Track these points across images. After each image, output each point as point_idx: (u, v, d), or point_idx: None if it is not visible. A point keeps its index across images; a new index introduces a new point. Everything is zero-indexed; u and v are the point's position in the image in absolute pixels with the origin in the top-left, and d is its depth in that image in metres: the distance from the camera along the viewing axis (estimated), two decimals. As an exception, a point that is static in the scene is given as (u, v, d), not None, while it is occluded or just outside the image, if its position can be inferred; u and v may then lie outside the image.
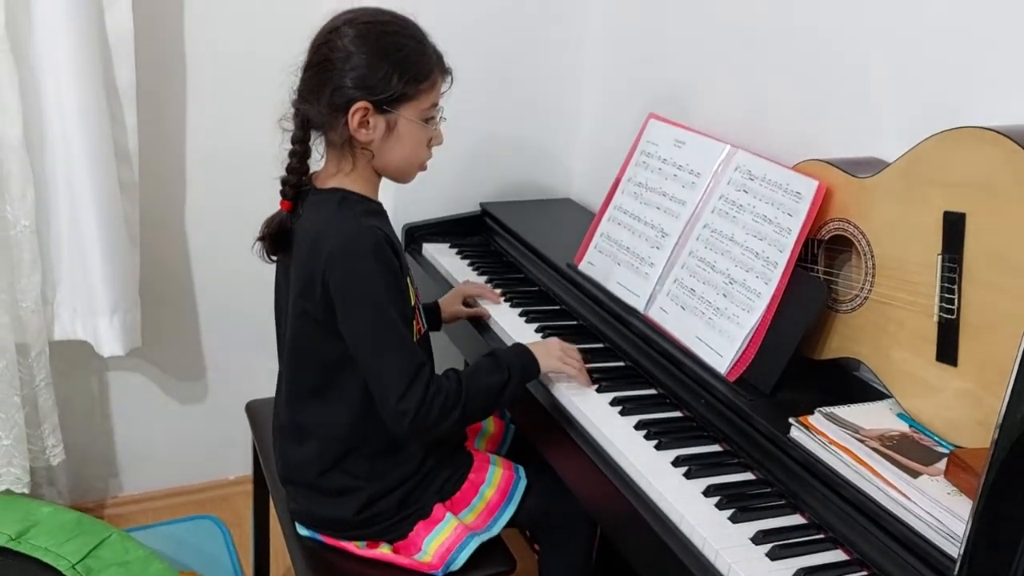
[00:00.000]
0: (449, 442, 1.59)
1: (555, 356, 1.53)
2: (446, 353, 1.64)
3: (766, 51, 1.75)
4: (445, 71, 1.47)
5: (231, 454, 2.50)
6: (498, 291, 1.89)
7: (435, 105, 1.46)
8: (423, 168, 1.52)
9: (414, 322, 1.49)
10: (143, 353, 2.28)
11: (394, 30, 1.41)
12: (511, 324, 1.77)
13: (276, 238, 1.47)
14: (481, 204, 2.28)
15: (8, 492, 2.09)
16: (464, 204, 2.28)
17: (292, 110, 1.44)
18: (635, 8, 2.16)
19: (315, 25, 1.43)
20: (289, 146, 1.45)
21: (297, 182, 1.46)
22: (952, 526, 1.05)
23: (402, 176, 1.51)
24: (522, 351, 1.51)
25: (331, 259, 1.37)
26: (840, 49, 1.59)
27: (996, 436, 0.84)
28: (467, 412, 1.42)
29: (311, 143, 1.46)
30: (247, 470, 2.06)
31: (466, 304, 1.84)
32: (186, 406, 2.46)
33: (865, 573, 1.14)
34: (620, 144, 1.87)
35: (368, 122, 1.40)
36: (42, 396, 2.12)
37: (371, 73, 1.37)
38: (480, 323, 1.81)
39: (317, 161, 1.50)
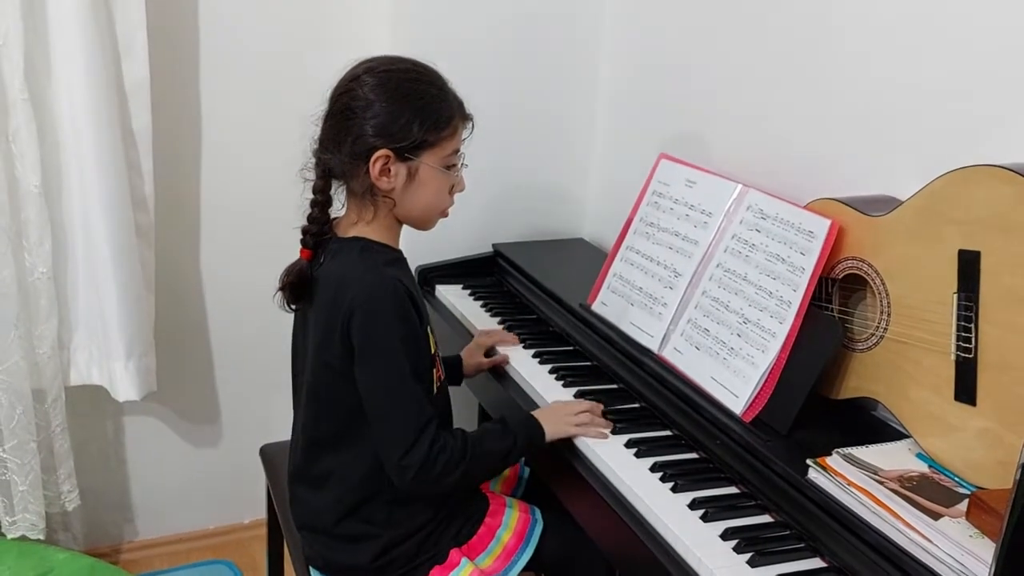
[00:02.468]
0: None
1: (561, 421, 1.51)
2: (462, 400, 1.63)
3: (777, 90, 1.76)
4: (466, 117, 1.47)
5: (246, 498, 2.49)
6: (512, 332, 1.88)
7: (456, 152, 1.46)
8: (444, 215, 1.52)
9: (433, 370, 1.49)
10: (158, 397, 2.28)
11: (414, 77, 1.42)
12: (526, 366, 1.76)
13: (296, 287, 1.45)
14: (494, 245, 2.29)
15: (23, 538, 2.08)
16: (477, 245, 2.29)
17: (313, 160, 1.45)
18: (647, 50, 2.18)
19: (335, 74, 1.43)
20: (310, 195, 1.45)
21: (318, 231, 1.45)
22: (975, 569, 1.04)
23: (423, 224, 1.51)
24: (528, 419, 1.50)
25: (352, 308, 1.36)
26: (852, 87, 1.59)
27: (1019, 476, 0.84)
28: (469, 473, 1.42)
29: (332, 192, 1.46)
30: (262, 514, 2.05)
31: (486, 354, 1.81)
32: (201, 450, 2.46)
33: (887, 617, 1.12)
34: (632, 184, 1.87)
35: (389, 170, 1.40)
36: (58, 441, 2.12)
37: (392, 121, 1.38)
38: (497, 368, 1.80)
39: (336, 210, 1.49)
